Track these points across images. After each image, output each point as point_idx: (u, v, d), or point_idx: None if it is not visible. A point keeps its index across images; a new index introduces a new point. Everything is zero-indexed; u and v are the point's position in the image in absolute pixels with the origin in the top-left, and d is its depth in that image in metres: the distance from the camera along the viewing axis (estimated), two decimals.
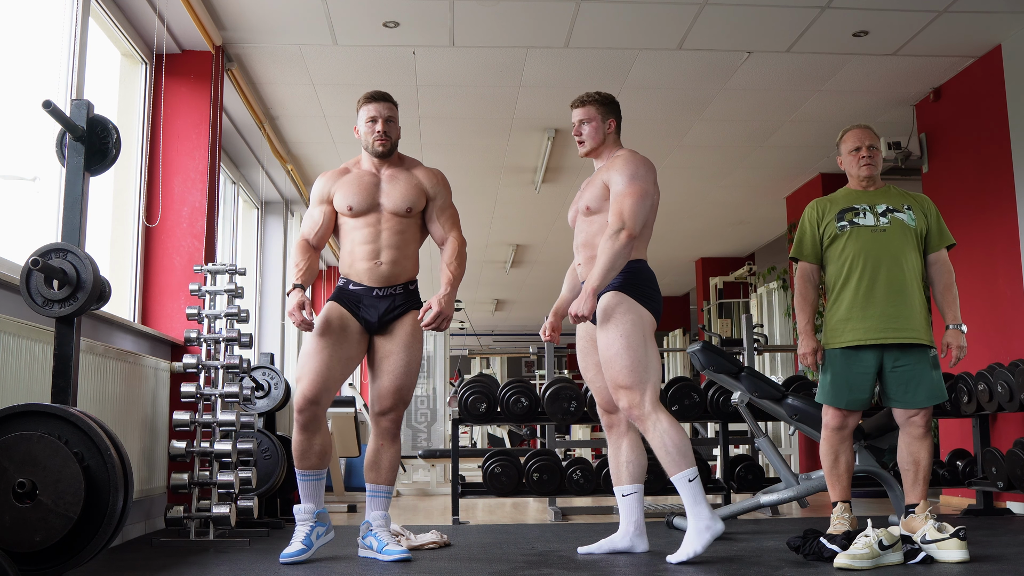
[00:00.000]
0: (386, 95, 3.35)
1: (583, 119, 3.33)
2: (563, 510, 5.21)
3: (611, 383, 3.10)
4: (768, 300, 9.10)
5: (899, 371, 3.38)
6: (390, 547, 3.14)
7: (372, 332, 3.25)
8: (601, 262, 3.06)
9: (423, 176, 3.39)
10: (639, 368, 3.04)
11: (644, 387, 3.04)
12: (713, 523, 2.97)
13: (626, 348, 3.05)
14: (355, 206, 3.26)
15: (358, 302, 3.24)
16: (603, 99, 3.34)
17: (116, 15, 4.28)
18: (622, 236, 3.07)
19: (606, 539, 3.28)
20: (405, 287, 3.29)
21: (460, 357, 14.89)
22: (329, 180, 3.35)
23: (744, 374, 4.21)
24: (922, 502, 3.38)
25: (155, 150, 4.67)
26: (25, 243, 3.48)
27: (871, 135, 3.58)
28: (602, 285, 3.07)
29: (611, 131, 3.34)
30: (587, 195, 3.29)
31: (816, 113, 6.10)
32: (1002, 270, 5.12)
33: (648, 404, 3.04)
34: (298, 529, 3.17)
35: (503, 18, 4.74)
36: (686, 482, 3.00)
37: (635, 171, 3.17)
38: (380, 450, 3.27)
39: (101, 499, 2.40)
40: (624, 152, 3.28)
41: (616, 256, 3.06)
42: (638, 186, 3.14)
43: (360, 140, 3.37)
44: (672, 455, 3.00)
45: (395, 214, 3.27)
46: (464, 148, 6.81)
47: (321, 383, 3.15)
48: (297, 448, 3.21)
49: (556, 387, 4.89)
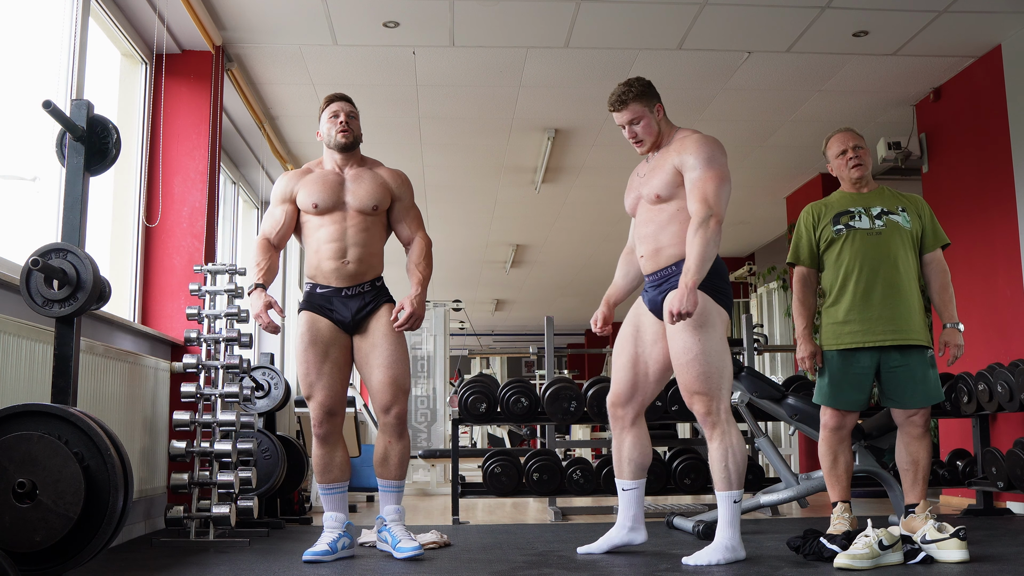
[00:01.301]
0: (347, 96, 3.40)
1: (631, 120, 3.14)
2: (563, 510, 5.21)
3: (686, 388, 3.00)
4: (768, 300, 9.10)
5: (897, 372, 3.39)
6: (403, 543, 3.16)
7: (349, 332, 3.25)
8: (695, 254, 2.88)
9: (387, 176, 3.39)
10: (717, 375, 2.96)
11: (721, 394, 2.97)
12: (739, 549, 2.95)
13: (703, 353, 2.95)
14: (320, 203, 3.25)
15: (329, 305, 3.24)
16: (640, 90, 3.13)
17: (116, 15, 4.28)
18: (711, 224, 2.90)
19: (603, 537, 3.26)
20: (373, 284, 3.29)
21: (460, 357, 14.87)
22: (292, 179, 3.35)
23: (744, 374, 4.21)
24: (922, 502, 3.39)
25: (155, 150, 4.67)
26: (25, 243, 3.48)
27: (854, 136, 3.58)
28: (701, 278, 2.88)
29: (661, 117, 3.16)
30: (656, 182, 3.10)
31: (816, 113, 6.10)
32: (1002, 270, 5.11)
33: (723, 413, 2.98)
34: (326, 533, 3.20)
35: (503, 18, 4.74)
36: (731, 502, 2.96)
37: (711, 154, 3.00)
38: (388, 447, 3.26)
39: (101, 499, 2.40)
40: (693, 134, 3.11)
41: (709, 245, 2.89)
42: (717, 170, 2.98)
43: (323, 142, 3.39)
44: (729, 471, 2.96)
45: (360, 212, 3.27)
46: (464, 148, 6.81)
47: (334, 394, 3.19)
48: (319, 463, 3.22)
49: (556, 387, 4.89)
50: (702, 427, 3.06)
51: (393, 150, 6.69)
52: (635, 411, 3.22)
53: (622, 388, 3.22)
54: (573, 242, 9.89)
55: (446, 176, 7.50)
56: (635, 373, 3.19)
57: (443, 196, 8.06)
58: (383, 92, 5.68)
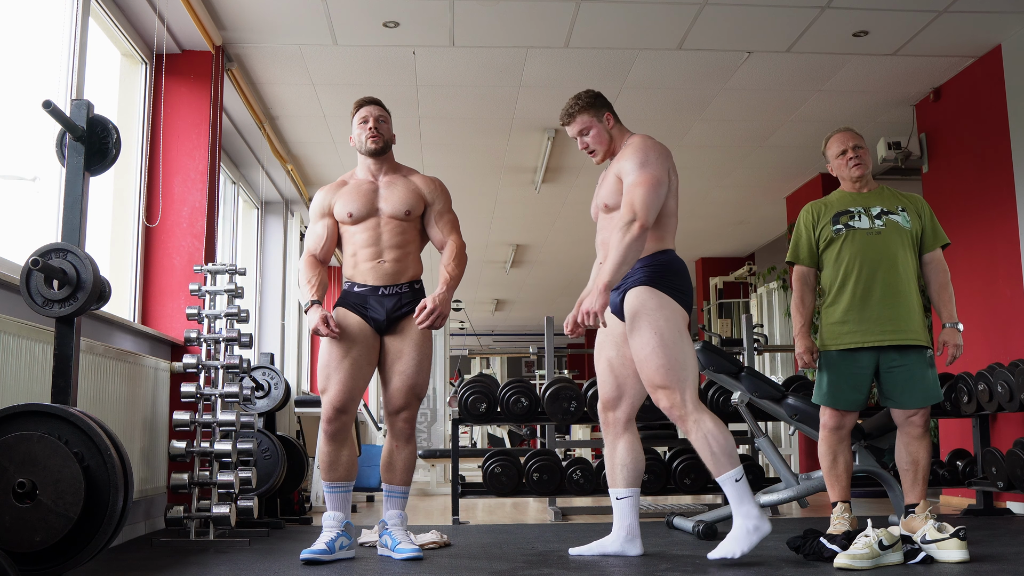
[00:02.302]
0: (377, 100, 3.42)
1: (580, 131, 3.25)
2: (563, 510, 5.20)
3: (648, 384, 3.02)
4: (768, 300, 9.10)
5: (896, 372, 3.39)
6: (402, 545, 3.17)
7: (381, 332, 3.26)
8: (612, 256, 2.93)
9: (420, 182, 3.43)
10: (676, 366, 2.96)
11: (683, 386, 2.96)
12: (761, 523, 2.89)
13: (661, 346, 2.96)
14: (355, 212, 3.29)
15: (364, 303, 3.25)
16: (587, 102, 3.23)
17: (116, 15, 4.28)
18: (634, 228, 2.94)
19: (597, 541, 3.22)
20: (411, 285, 3.30)
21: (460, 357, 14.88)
22: (328, 193, 3.38)
23: (744, 374, 4.21)
24: (922, 502, 3.39)
25: (155, 150, 4.67)
26: (25, 243, 3.48)
27: (853, 135, 3.59)
28: (614, 281, 2.95)
29: (612, 126, 3.24)
30: (603, 191, 3.19)
31: (816, 113, 6.10)
32: (1002, 270, 5.11)
33: (690, 403, 2.96)
34: (324, 533, 3.18)
35: (503, 18, 4.74)
36: (732, 482, 2.93)
37: (645, 158, 3.06)
38: (394, 451, 3.27)
39: (101, 499, 2.40)
40: (634, 140, 3.18)
41: (628, 249, 2.94)
42: (648, 173, 3.02)
43: (355, 148, 3.42)
44: (717, 456, 2.94)
45: (394, 218, 3.30)
46: (464, 148, 6.81)
47: (347, 392, 3.17)
48: (324, 460, 3.21)
49: (556, 387, 4.89)
50: (675, 423, 3.05)
51: (393, 150, 6.68)
52: (626, 414, 3.22)
53: (608, 391, 3.23)
54: (573, 242, 9.89)
55: (446, 176, 7.34)
56: (616, 375, 3.20)
57: None
58: (383, 92, 5.64)
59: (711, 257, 10.79)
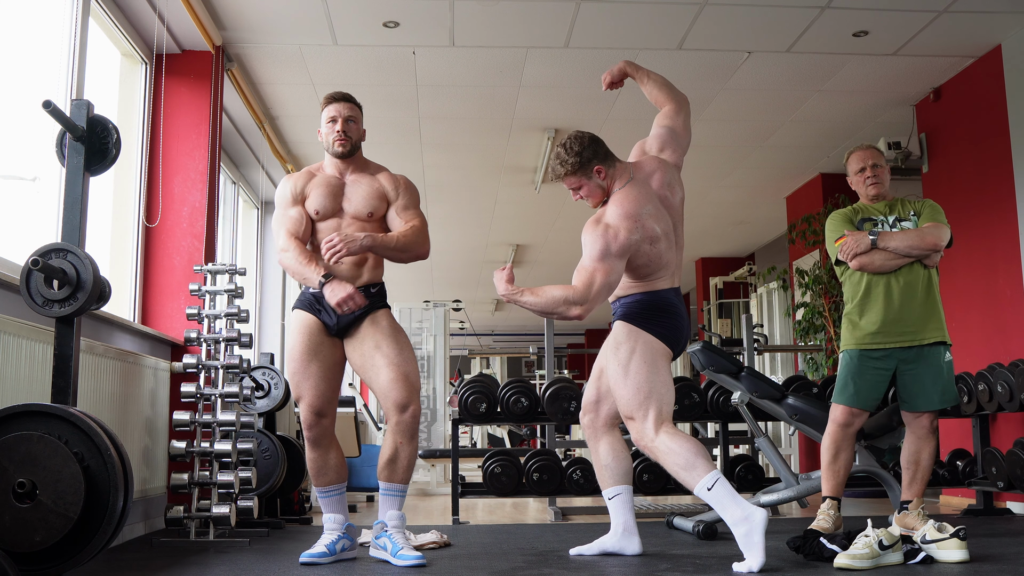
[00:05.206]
0: (347, 96, 3.26)
1: (574, 188, 3.24)
2: (563, 510, 5.20)
3: (620, 410, 3.14)
4: (768, 300, 9.10)
5: (913, 373, 3.51)
6: (404, 551, 3.03)
7: (337, 336, 3.16)
8: (542, 299, 2.99)
9: (386, 181, 3.27)
10: (639, 395, 3.04)
11: (645, 414, 3.02)
12: (749, 518, 2.79)
13: (624, 376, 3.06)
14: (321, 210, 3.18)
15: (318, 304, 3.15)
16: (577, 162, 3.17)
17: (116, 15, 4.28)
18: (573, 311, 2.96)
19: (597, 540, 3.26)
20: (367, 289, 3.16)
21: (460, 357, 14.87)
22: (300, 180, 3.24)
23: (744, 374, 4.21)
24: (915, 499, 3.51)
25: (155, 150, 4.67)
26: (25, 243, 3.48)
27: (873, 153, 3.72)
28: (524, 304, 3.01)
29: (603, 177, 3.18)
30: None
31: (816, 113, 6.10)
32: (1002, 270, 5.11)
33: (650, 431, 3.01)
34: (325, 535, 3.16)
35: (503, 18, 4.74)
36: (705, 491, 2.91)
37: (606, 248, 2.99)
38: (398, 448, 3.11)
39: (101, 499, 2.40)
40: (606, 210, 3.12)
41: (551, 311, 2.99)
42: (607, 267, 2.99)
43: (323, 146, 3.27)
44: (683, 475, 2.96)
45: (356, 218, 3.19)
46: (464, 148, 6.81)
47: (322, 395, 3.11)
48: (313, 466, 3.16)
49: (556, 387, 4.89)
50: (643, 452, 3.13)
51: (393, 150, 6.69)
52: (604, 419, 3.30)
53: (589, 394, 3.35)
54: (573, 242, 9.79)
55: (446, 176, 7.50)
56: (601, 382, 3.30)
57: (443, 196, 8.06)
58: (383, 92, 5.68)
59: (711, 257, 10.79)
